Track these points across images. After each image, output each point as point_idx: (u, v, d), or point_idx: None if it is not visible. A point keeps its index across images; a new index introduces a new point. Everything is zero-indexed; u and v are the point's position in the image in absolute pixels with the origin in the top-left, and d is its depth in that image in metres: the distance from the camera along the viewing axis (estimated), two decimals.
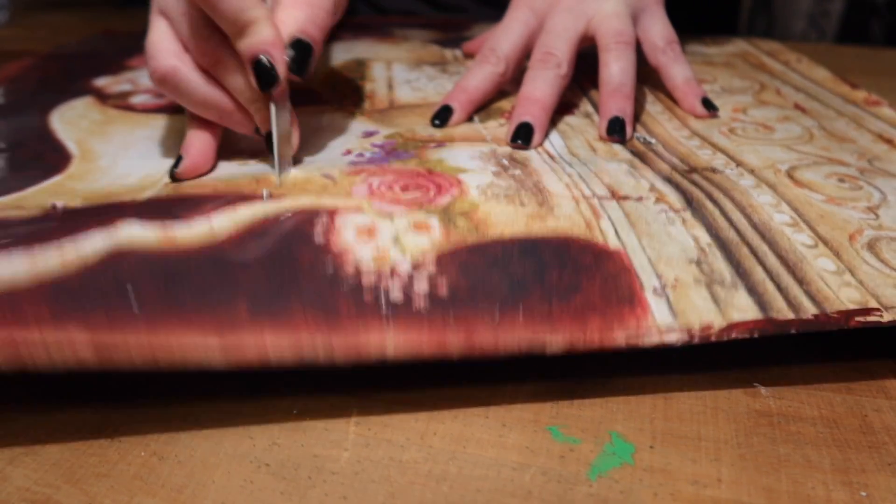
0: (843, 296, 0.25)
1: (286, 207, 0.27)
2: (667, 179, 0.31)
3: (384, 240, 0.25)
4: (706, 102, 0.39)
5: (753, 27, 1.14)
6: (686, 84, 0.40)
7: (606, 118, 0.36)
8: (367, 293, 0.23)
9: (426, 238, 0.25)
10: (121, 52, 0.53)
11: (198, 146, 0.32)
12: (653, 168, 0.32)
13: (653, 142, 0.36)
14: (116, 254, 0.24)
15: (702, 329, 0.24)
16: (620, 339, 0.23)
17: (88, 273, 0.23)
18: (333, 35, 0.55)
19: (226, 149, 0.33)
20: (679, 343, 0.24)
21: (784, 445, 0.22)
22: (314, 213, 0.26)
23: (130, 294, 0.22)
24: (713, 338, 0.24)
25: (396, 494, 0.21)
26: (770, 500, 0.21)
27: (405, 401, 0.24)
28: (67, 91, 0.44)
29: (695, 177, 0.31)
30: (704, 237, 0.27)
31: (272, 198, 0.28)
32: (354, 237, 0.25)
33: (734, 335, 0.24)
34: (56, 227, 0.25)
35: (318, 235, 0.25)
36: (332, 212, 0.26)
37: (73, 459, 0.22)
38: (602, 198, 0.29)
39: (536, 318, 0.23)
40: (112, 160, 0.34)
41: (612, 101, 0.36)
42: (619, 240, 0.26)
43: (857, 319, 0.24)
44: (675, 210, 0.28)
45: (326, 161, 0.32)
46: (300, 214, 0.26)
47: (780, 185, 0.31)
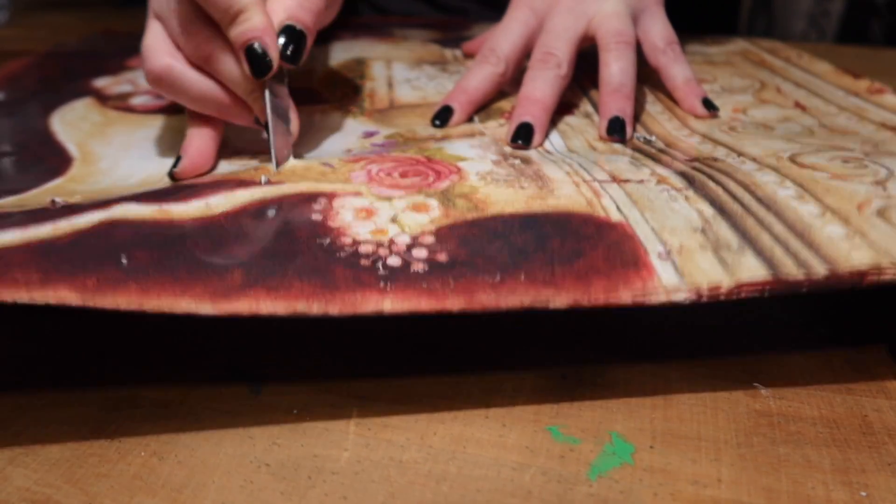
0: (855, 257, 0.24)
1: (284, 192, 0.27)
2: (668, 167, 0.31)
3: (383, 219, 0.25)
4: (707, 103, 0.39)
5: (753, 27, 1.14)
6: (686, 84, 0.40)
7: (606, 118, 0.36)
8: (364, 259, 0.23)
9: (425, 216, 0.25)
10: (121, 53, 0.53)
11: (197, 146, 0.32)
12: (654, 160, 0.32)
13: (653, 139, 0.36)
14: (109, 223, 0.24)
15: (710, 289, 0.23)
16: (626, 298, 0.23)
17: (79, 237, 0.23)
18: (333, 35, 0.55)
19: (226, 149, 0.33)
20: (687, 301, 0.23)
21: (784, 445, 0.22)
22: (312, 196, 0.26)
23: (122, 260, 0.22)
24: (722, 297, 0.23)
25: (396, 494, 0.21)
26: (770, 500, 0.21)
27: (405, 401, 0.24)
28: (67, 91, 0.44)
29: (696, 164, 0.31)
30: (708, 210, 0.26)
31: (270, 184, 0.28)
32: (353, 217, 0.25)
33: (743, 294, 0.23)
34: (53, 212, 0.25)
35: (316, 214, 0.25)
36: (331, 195, 0.26)
37: (73, 459, 0.22)
38: (603, 181, 0.29)
39: (539, 281, 0.23)
40: (113, 162, 0.34)
41: (613, 101, 0.36)
42: (622, 214, 0.26)
43: (871, 278, 0.23)
44: (678, 189, 0.28)
45: (326, 157, 0.32)
46: (298, 196, 0.26)
47: (784, 168, 0.30)
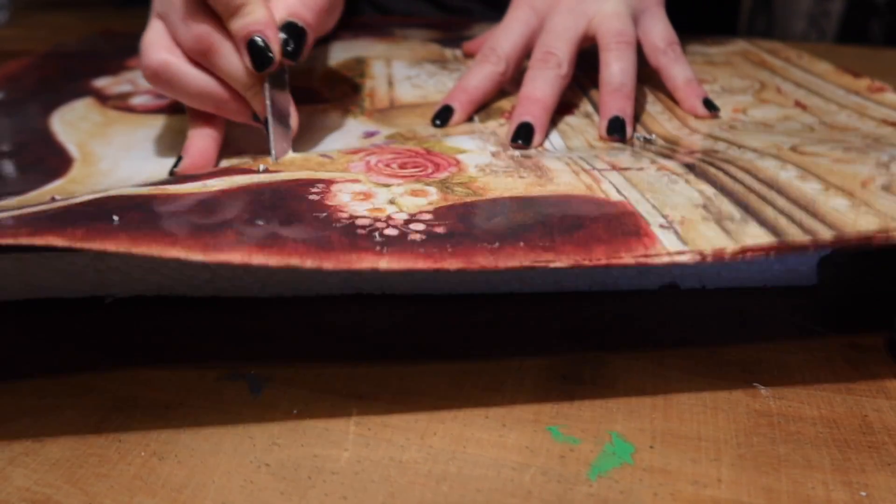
0: (862, 223, 0.24)
1: (282, 177, 0.27)
2: (668, 158, 0.31)
3: (381, 200, 0.25)
4: (707, 103, 0.39)
5: (753, 27, 1.14)
6: (687, 85, 0.40)
7: (606, 118, 0.36)
8: (361, 229, 0.23)
9: (423, 199, 0.25)
10: (120, 53, 0.53)
11: (199, 146, 0.32)
12: (654, 154, 0.32)
13: (652, 137, 0.36)
14: (105, 196, 0.24)
15: (714, 252, 0.23)
16: (629, 259, 0.23)
17: (73, 205, 0.23)
18: (333, 34, 0.55)
19: (227, 149, 0.33)
20: (692, 262, 0.23)
21: (784, 445, 0.22)
22: (311, 182, 0.26)
23: (114, 217, 0.22)
24: (727, 258, 0.23)
25: (396, 494, 0.21)
26: (770, 500, 0.21)
27: (405, 401, 0.24)
28: (67, 91, 0.44)
29: (697, 155, 0.31)
30: (709, 189, 0.26)
31: (269, 172, 0.28)
32: (350, 199, 0.25)
33: (748, 256, 0.23)
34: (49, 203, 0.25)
35: (314, 195, 0.25)
36: (329, 181, 0.26)
37: (73, 459, 0.22)
38: (602, 170, 0.29)
39: (538, 247, 0.23)
40: (113, 163, 0.34)
41: (613, 101, 0.36)
42: (622, 195, 0.26)
43: (880, 239, 0.23)
44: (678, 174, 0.28)
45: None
46: (296, 181, 0.26)
47: (785, 155, 0.30)
